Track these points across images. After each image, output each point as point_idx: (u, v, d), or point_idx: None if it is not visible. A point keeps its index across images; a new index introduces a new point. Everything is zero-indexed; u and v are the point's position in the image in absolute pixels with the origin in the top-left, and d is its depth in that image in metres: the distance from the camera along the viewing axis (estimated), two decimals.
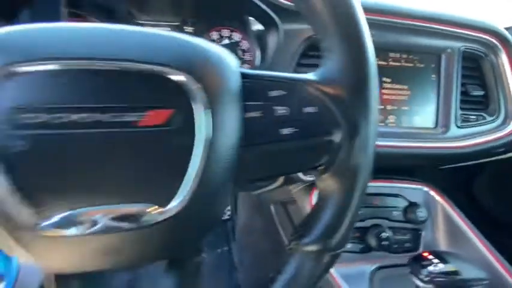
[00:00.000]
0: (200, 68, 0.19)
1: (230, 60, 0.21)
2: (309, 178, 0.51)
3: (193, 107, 0.19)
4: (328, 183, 0.24)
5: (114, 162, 0.18)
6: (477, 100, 0.58)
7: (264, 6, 0.43)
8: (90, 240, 0.18)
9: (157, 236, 0.19)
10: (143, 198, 0.19)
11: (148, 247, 0.20)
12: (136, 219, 0.18)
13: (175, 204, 0.19)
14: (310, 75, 0.24)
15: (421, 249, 0.57)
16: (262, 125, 0.22)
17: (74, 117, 0.17)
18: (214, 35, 0.50)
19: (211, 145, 0.19)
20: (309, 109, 0.23)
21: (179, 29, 0.50)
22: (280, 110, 0.22)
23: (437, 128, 0.55)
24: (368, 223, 0.56)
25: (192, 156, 0.19)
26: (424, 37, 0.53)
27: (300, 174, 0.51)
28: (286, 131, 0.22)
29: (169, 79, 0.18)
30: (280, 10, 0.44)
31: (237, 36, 0.50)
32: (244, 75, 0.22)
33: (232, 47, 0.50)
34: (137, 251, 0.20)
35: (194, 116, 0.19)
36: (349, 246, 0.55)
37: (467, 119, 0.56)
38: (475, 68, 0.58)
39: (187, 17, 0.50)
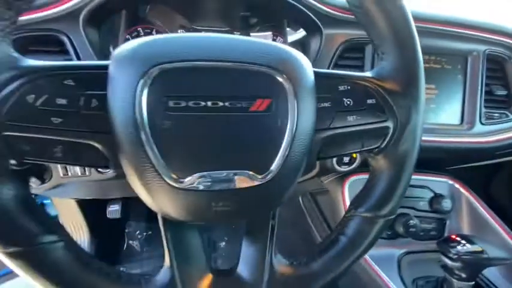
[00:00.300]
0: (289, 68, 0.25)
1: (307, 62, 0.27)
2: (342, 169, 0.57)
3: (286, 97, 0.25)
4: (381, 162, 0.30)
5: (231, 137, 0.24)
6: (500, 99, 0.62)
7: (310, 14, 0.49)
8: (211, 195, 0.24)
9: (255, 195, 0.25)
10: (249, 166, 0.24)
11: (251, 204, 0.26)
12: (243, 181, 0.24)
13: (272, 170, 0.25)
14: (369, 74, 0.29)
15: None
16: (332, 113, 0.28)
17: (206, 103, 0.23)
18: None
19: (296, 127, 0.25)
20: (369, 101, 0.28)
21: (228, 33, 0.56)
22: (347, 101, 0.28)
23: (463, 125, 0.60)
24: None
25: (285, 136, 0.25)
26: (451, 41, 0.58)
27: (336, 165, 0.56)
28: (350, 118, 0.28)
29: (270, 76, 0.24)
30: (322, 17, 0.50)
31: (280, 41, 0.56)
32: (317, 74, 0.27)
33: None
34: (243, 207, 0.26)
35: (287, 104, 0.25)
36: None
37: (491, 116, 0.60)
38: (498, 70, 0.62)
39: (235, 23, 0.56)
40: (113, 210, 0.83)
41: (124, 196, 0.72)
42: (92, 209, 0.83)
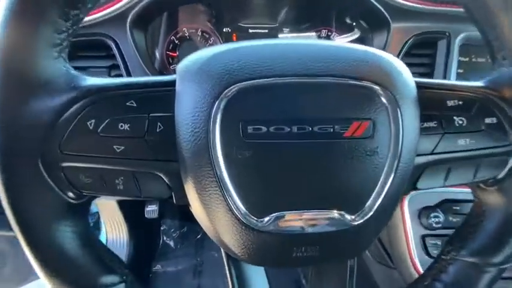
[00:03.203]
0: (390, 80, 0.20)
1: (406, 70, 0.22)
2: None
3: (387, 117, 0.20)
4: (495, 196, 0.24)
5: (320, 170, 0.20)
6: None
7: (378, 5, 0.42)
8: (293, 239, 0.20)
9: (346, 238, 0.21)
10: (340, 205, 0.20)
11: (339, 248, 0.21)
12: (331, 225, 0.20)
13: (366, 208, 0.20)
14: (484, 83, 0.23)
15: None
16: (438, 134, 0.22)
17: (291, 128, 0.19)
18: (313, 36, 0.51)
19: (400, 155, 0.20)
20: (488, 120, 0.22)
21: (277, 30, 0.51)
22: (458, 121, 0.22)
23: None
24: None
25: (385, 167, 0.20)
26: None
27: None
28: (462, 141, 0.22)
29: (369, 92, 0.19)
30: (392, 8, 0.44)
31: (336, 37, 0.51)
32: (419, 85, 0.22)
33: None
34: (329, 253, 0.21)
35: (388, 126, 0.20)
36: None
37: None
38: None
39: (283, 20, 0.51)
40: (151, 210, 0.83)
41: None
42: (130, 209, 0.84)
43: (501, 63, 0.23)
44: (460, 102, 0.22)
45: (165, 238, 1.06)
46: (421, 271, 0.51)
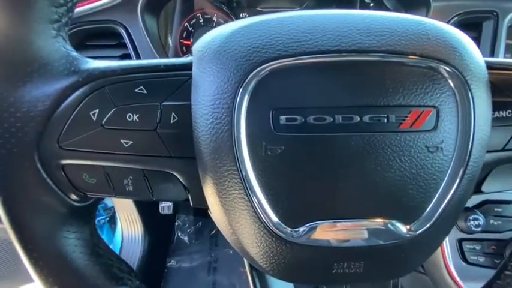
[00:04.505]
0: (459, 58, 0.16)
1: (475, 47, 0.17)
2: None
3: (455, 104, 0.16)
4: None
5: (370, 171, 0.16)
6: None
7: None
8: (333, 253, 0.17)
9: (399, 253, 0.17)
10: (394, 213, 0.16)
11: (390, 264, 0.18)
12: (381, 237, 0.16)
13: (425, 217, 0.16)
14: None
15: None
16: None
17: (335, 118, 0.15)
18: None
19: (470, 152, 0.16)
20: None
21: None
22: None
23: None
24: (507, 235, 0.48)
25: (450, 166, 0.16)
26: None
27: None
28: None
29: (432, 73, 0.15)
30: None
31: None
32: (490, 65, 0.18)
33: None
34: (376, 270, 0.18)
35: (455, 115, 0.16)
36: (482, 260, 0.48)
37: None
38: None
39: (305, 2, 0.47)
40: (166, 206, 0.82)
41: None
42: (145, 204, 0.84)
43: None
44: None
45: (179, 234, 1.05)
46: (457, 278, 0.47)
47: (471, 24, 0.41)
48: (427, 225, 0.16)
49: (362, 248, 0.17)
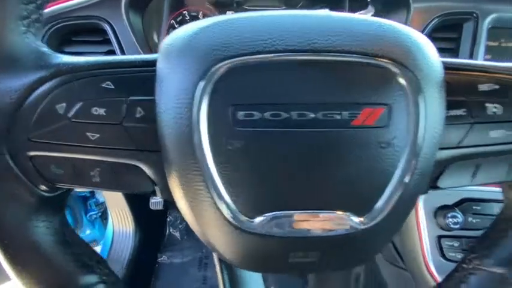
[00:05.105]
0: (411, 58, 0.17)
1: (432, 48, 0.18)
2: None
3: (406, 102, 0.16)
4: None
5: (323, 164, 0.17)
6: None
7: None
8: (288, 242, 0.18)
9: (351, 243, 0.18)
10: (347, 205, 0.17)
11: (343, 254, 0.19)
12: (334, 227, 0.17)
13: (377, 209, 0.17)
14: None
15: None
16: (467, 124, 0.19)
17: (290, 114, 0.16)
18: None
19: (420, 149, 0.17)
20: None
21: None
22: (492, 108, 0.19)
23: None
24: None
25: (401, 161, 0.17)
26: None
27: None
28: (494, 133, 0.19)
29: (384, 72, 0.16)
30: None
31: None
32: (446, 65, 0.18)
33: None
34: (330, 259, 0.19)
35: (406, 113, 0.16)
36: (460, 256, 0.49)
37: None
38: None
39: (292, 1, 0.48)
40: (156, 202, 0.83)
41: None
42: (136, 200, 0.84)
43: None
44: (496, 87, 0.19)
45: (171, 229, 1.06)
46: (436, 274, 0.48)
47: (452, 26, 0.42)
48: (380, 218, 0.17)
49: (317, 238, 0.17)
